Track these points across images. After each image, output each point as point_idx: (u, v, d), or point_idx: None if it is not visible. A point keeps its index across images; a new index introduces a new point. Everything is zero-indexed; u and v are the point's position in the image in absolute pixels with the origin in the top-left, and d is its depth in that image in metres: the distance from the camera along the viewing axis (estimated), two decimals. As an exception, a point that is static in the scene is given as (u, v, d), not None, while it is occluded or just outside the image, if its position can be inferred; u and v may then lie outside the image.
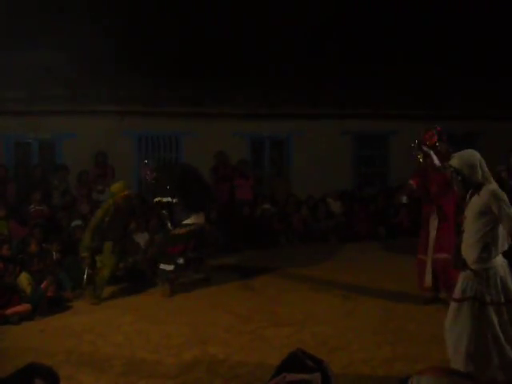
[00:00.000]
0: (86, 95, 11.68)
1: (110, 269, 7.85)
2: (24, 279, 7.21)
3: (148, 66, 11.65)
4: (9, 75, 10.56)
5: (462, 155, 4.60)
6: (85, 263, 7.79)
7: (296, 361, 2.18)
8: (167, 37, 12.01)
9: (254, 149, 13.17)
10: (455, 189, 4.77)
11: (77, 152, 11.39)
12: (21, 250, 8.09)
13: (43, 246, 8.05)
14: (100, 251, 7.89)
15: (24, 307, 6.87)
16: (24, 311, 6.85)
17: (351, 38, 12.74)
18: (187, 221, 8.05)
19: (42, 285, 7.16)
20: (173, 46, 11.97)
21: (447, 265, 6.42)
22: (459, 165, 4.53)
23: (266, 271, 9.09)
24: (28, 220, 9.42)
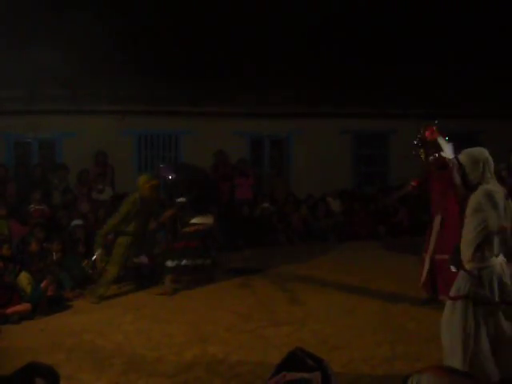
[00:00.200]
0: (86, 95, 11.69)
1: (119, 266, 7.80)
2: (24, 278, 7.21)
3: (148, 66, 11.65)
4: (9, 75, 10.56)
5: (470, 151, 4.57)
6: (92, 261, 7.74)
7: (296, 359, 2.19)
8: (167, 37, 12.01)
9: (254, 148, 13.18)
10: (456, 187, 4.75)
11: (77, 151, 11.42)
12: (21, 250, 8.09)
13: (43, 246, 8.04)
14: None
15: (24, 306, 6.87)
16: (24, 310, 6.85)
17: (351, 38, 12.73)
18: (194, 220, 8.14)
19: (42, 284, 7.15)
20: (173, 46, 11.96)
21: (446, 266, 6.39)
22: (464, 160, 4.52)
23: (266, 270, 9.10)
24: (28, 219, 9.41)
